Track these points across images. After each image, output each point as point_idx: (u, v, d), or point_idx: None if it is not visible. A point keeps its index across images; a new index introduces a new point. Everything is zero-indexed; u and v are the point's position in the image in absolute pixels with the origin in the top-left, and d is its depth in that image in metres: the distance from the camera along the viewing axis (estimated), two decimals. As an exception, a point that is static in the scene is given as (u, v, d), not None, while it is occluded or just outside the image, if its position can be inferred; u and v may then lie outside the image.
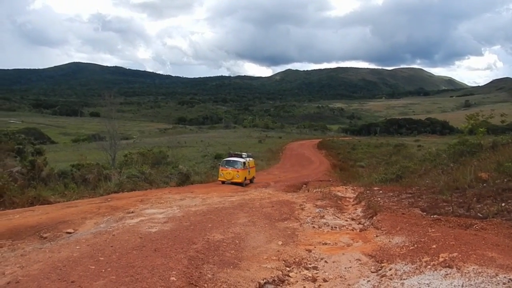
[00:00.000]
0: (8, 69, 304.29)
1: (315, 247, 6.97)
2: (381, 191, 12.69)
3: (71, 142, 68.40)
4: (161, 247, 6.50)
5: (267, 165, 36.59)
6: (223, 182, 20.79)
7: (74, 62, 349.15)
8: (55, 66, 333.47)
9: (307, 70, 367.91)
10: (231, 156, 22.54)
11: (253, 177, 23.44)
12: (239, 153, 23.42)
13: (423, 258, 5.41)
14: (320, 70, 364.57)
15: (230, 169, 20.76)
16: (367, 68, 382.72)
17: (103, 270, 5.35)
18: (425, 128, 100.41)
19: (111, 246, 6.55)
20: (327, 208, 11.09)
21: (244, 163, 21.55)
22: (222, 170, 21.03)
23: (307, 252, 6.70)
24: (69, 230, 8.48)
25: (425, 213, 8.51)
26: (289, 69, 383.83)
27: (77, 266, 5.55)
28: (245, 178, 21.43)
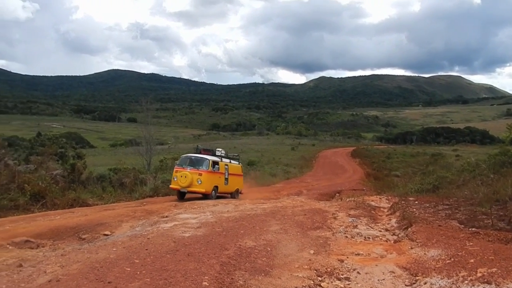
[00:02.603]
0: (51, 76, 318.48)
1: (347, 257, 6.88)
2: (416, 202, 12.37)
3: (109, 147, 70.63)
4: (194, 252, 6.61)
5: (300, 172, 36.41)
6: (179, 195, 15.18)
7: (113, 69, 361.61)
8: (95, 73, 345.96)
9: (341, 77, 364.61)
10: (199, 153, 16.56)
11: (238, 190, 17.80)
12: (210, 149, 17.48)
13: (460, 272, 5.24)
14: (354, 77, 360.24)
15: (188, 170, 14.87)
16: (403, 76, 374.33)
17: (138, 273, 5.50)
18: (464, 137, 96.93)
19: (146, 249, 6.72)
20: (361, 217, 10.92)
21: (215, 163, 15.68)
22: (176, 171, 15.09)
23: (339, 262, 6.62)
24: (106, 232, 8.78)
25: (463, 226, 8.23)
26: (323, 76, 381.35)
27: (114, 267, 5.72)
28: (215, 187, 15.50)
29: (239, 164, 18.92)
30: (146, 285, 5.06)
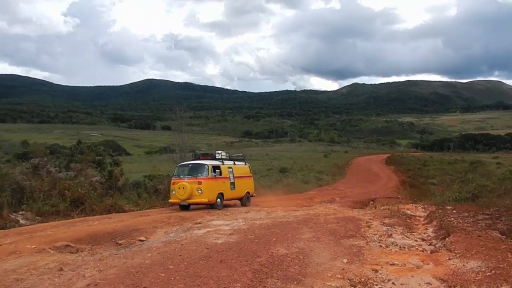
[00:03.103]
0: (90, 86, 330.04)
1: (382, 267, 6.74)
2: (454, 211, 11.96)
3: (144, 154, 72.26)
4: (226, 259, 6.66)
5: (333, 180, 35.98)
6: (182, 208, 13.93)
7: (148, 79, 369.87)
8: (131, 83, 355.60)
9: (375, 84, 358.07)
10: (197, 159, 15.54)
11: (248, 194, 16.46)
12: (209, 152, 16.23)
13: (501, 286, 5.03)
14: (388, 83, 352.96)
15: (186, 179, 13.68)
16: (440, 81, 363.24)
17: (172, 278, 5.60)
18: (505, 144, 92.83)
19: (180, 255, 6.84)
20: (396, 226, 10.66)
21: (216, 168, 14.41)
22: (174, 183, 13.97)
23: (373, 272, 6.49)
24: (141, 238, 8.99)
25: (504, 237, 7.89)
26: (355, 83, 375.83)
27: (149, 272, 5.86)
28: (220, 194, 14.22)
29: (245, 164, 17.30)
30: (180, 290, 5.15)
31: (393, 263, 7.08)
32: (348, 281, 6.00)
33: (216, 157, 15.32)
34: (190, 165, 14.73)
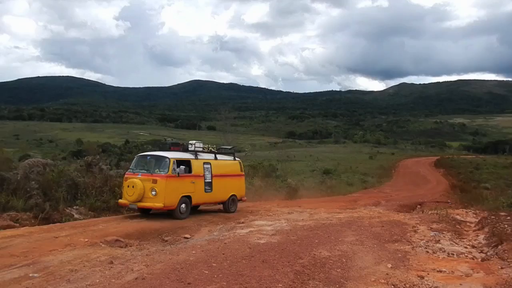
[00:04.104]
0: (140, 87, 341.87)
1: (428, 274, 6.54)
2: (509, 217, 11.36)
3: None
4: (268, 259, 6.73)
5: (378, 182, 35.16)
6: (140, 210, 11.21)
7: (194, 80, 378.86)
8: (178, 84, 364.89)
9: (424, 84, 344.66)
10: (168, 149, 11.95)
11: (234, 198, 13.06)
12: (181, 142, 12.45)
13: (559, 298, 4.75)
14: (438, 83, 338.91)
15: (139, 176, 10.69)
16: (494, 80, 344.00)
17: (215, 276, 5.74)
18: None
19: (223, 254, 6.98)
20: (444, 232, 10.29)
21: (183, 163, 11.09)
22: (126, 178, 11.02)
23: (419, 278, 6.31)
24: (186, 235, 9.25)
25: None
26: (403, 83, 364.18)
27: (193, 269, 6.03)
28: (185, 198, 11.00)
29: (235, 160, 13.68)
30: (222, 288, 5.27)
31: (441, 270, 6.85)
32: (392, 286, 5.88)
33: (189, 149, 11.82)
34: (148, 157, 11.50)
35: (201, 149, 12.27)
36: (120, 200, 11.22)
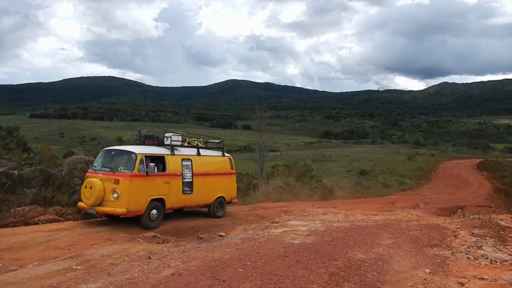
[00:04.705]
0: (177, 87, 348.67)
1: (469, 281, 6.31)
2: (558, 225, 10.78)
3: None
4: (302, 259, 6.72)
5: (417, 184, 34.19)
6: (108, 216, 9.59)
7: (230, 79, 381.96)
8: (214, 83, 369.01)
9: (466, 83, 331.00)
10: (142, 143, 10.38)
11: (222, 200, 11.38)
12: (155, 135, 10.70)
13: None
14: (482, 82, 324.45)
15: (100, 175, 9.14)
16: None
17: (250, 274, 5.79)
18: None
19: (257, 253, 7.03)
20: (486, 238, 9.88)
21: (154, 159, 9.64)
22: (87, 177, 9.46)
23: (459, 285, 6.11)
24: (221, 234, 9.38)
25: None
26: (444, 82, 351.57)
27: (228, 267, 6.12)
28: (155, 202, 9.30)
29: (223, 156, 11.95)
30: (257, 287, 5.32)
31: (482, 277, 6.60)
32: (430, 292, 5.73)
33: (164, 143, 10.21)
34: (113, 152, 9.87)
35: (179, 143, 10.58)
36: (79, 203, 9.49)
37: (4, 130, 18.19)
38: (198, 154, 10.84)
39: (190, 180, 10.27)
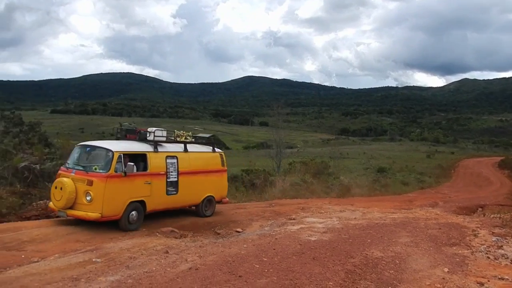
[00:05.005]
0: (195, 83, 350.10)
1: (488, 281, 6.21)
2: None
3: (242, 149, 75.02)
4: (319, 256, 6.71)
5: (436, 182, 33.66)
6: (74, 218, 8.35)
7: (247, 76, 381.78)
8: (231, 80, 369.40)
9: (488, 79, 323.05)
10: (123, 137, 9.62)
11: (211, 199, 10.51)
12: (137, 129, 9.76)
13: None
14: (504, 78, 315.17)
15: (73, 174, 8.22)
16: None
17: (266, 270, 5.82)
18: None
19: (274, 249, 7.05)
20: (507, 237, 9.69)
21: (134, 158, 8.67)
22: (58, 175, 8.56)
23: (478, 285, 6.02)
24: (238, 229, 9.44)
25: None
26: (465, 78, 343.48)
27: (244, 262, 6.15)
28: (134, 205, 8.42)
29: (214, 152, 10.96)
30: (273, 283, 5.34)
31: (503, 277, 6.49)
32: (449, 291, 5.66)
33: (147, 138, 9.30)
34: (88, 148, 8.95)
35: (164, 138, 9.68)
36: (49, 204, 8.65)
37: (27, 125, 18.58)
38: (185, 150, 9.94)
39: (176, 179, 9.39)
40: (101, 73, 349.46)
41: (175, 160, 9.44)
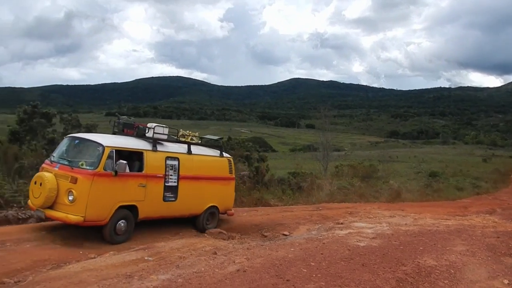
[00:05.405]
0: (242, 86, 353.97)
1: (554, 295, 5.81)
2: None
3: (289, 151, 74.89)
4: (368, 263, 6.55)
5: (493, 188, 31.84)
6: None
7: (294, 78, 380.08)
8: (278, 82, 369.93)
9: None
10: (121, 130, 8.66)
11: (214, 211, 9.36)
12: (135, 123, 8.77)
13: None
14: None
15: (56, 168, 7.26)
16: None
17: (314, 275, 5.76)
18: None
19: (321, 254, 6.96)
20: None
21: (128, 156, 7.79)
22: (42, 170, 7.54)
23: (542, 298, 5.64)
24: (285, 232, 9.42)
25: None
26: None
27: (291, 266, 6.12)
28: (123, 209, 7.45)
29: (221, 156, 9.74)
30: (321, 288, 5.28)
31: None
32: (509, 305, 5.34)
33: (145, 134, 8.34)
34: (76, 141, 7.92)
35: (165, 136, 8.59)
36: (28, 201, 7.61)
37: (84, 127, 19.73)
38: (189, 152, 8.79)
39: (175, 184, 8.32)
40: (152, 77, 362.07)
41: (176, 162, 8.37)
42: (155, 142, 8.14)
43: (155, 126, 8.33)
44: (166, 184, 8.12)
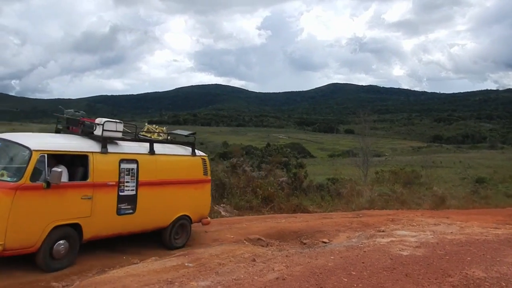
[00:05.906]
0: (279, 92, 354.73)
1: None
2: None
3: (327, 157, 74.06)
4: (412, 273, 6.32)
5: (547, 195, 30.06)
6: None
7: (332, 83, 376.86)
8: (316, 88, 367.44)
9: None
10: (67, 130, 7.16)
11: (187, 220, 7.93)
12: (80, 118, 6.96)
13: None
14: None
15: None
16: None
17: (355, 285, 5.62)
18: None
19: (362, 263, 6.79)
20: None
21: (77, 161, 6.32)
22: None
23: None
24: (324, 240, 9.27)
25: None
26: None
27: (332, 275, 6.00)
28: (56, 231, 5.78)
29: (193, 155, 8.22)
30: (362, 298, 5.14)
31: None
32: None
33: (94, 132, 6.73)
34: None
35: (119, 134, 6.99)
36: None
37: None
38: (151, 152, 7.30)
39: (133, 192, 6.87)
40: (192, 86, 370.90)
41: (134, 165, 6.90)
42: (105, 141, 6.62)
43: (104, 122, 6.69)
44: (121, 193, 6.69)
